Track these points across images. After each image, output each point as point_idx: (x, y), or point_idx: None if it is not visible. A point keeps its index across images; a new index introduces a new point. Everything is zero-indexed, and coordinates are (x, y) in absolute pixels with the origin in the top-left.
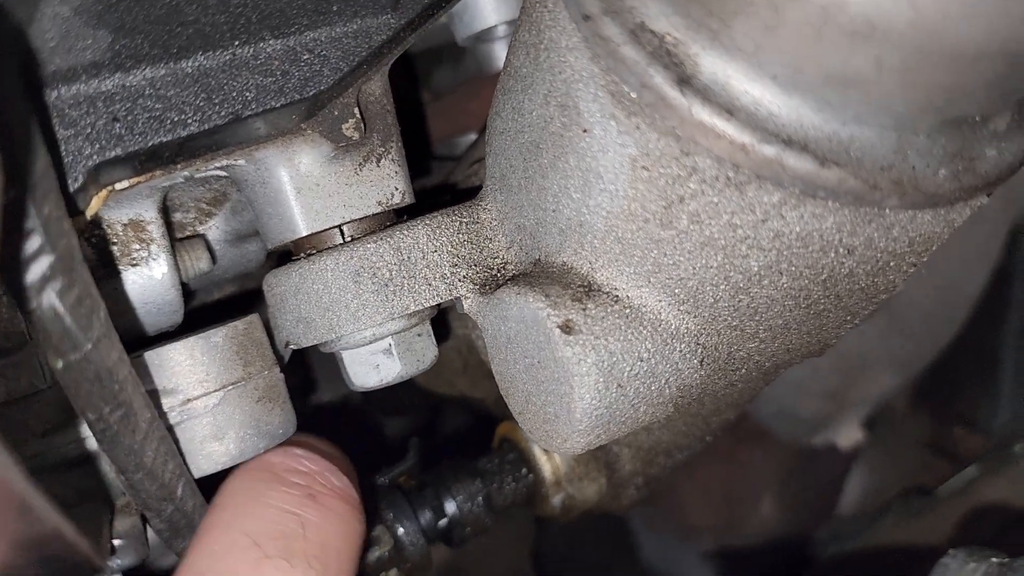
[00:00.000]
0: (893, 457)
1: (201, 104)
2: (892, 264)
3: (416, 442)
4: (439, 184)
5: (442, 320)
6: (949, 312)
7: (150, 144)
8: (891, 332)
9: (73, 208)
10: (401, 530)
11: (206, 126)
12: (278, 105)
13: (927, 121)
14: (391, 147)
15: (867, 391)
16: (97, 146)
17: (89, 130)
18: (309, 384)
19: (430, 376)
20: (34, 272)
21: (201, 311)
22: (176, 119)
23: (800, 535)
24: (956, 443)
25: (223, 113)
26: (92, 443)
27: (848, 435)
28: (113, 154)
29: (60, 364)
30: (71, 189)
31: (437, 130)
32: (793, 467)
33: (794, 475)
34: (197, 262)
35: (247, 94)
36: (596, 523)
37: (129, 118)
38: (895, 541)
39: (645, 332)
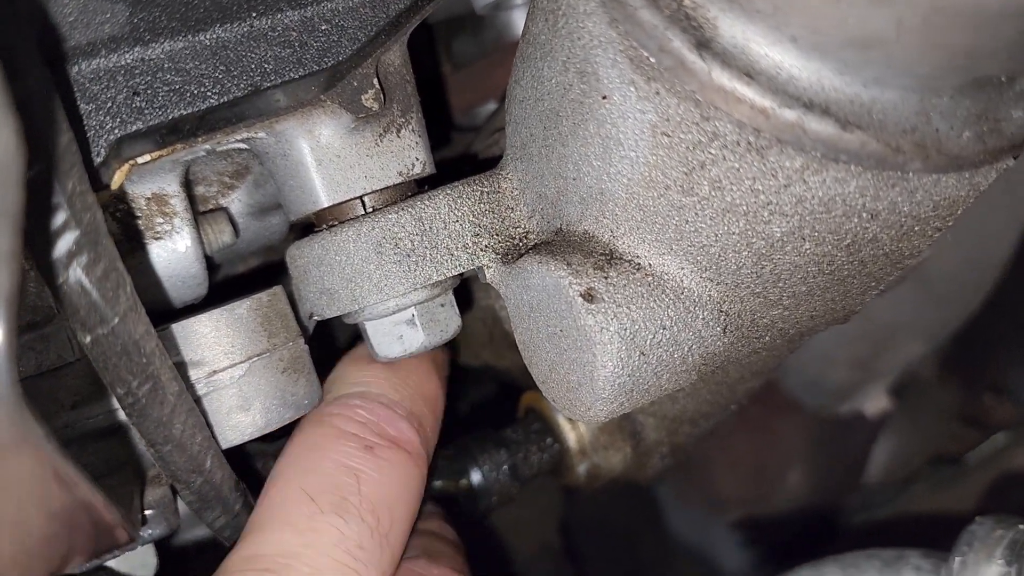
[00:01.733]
0: (921, 425)
1: (220, 76)
2: (916, 229)
3: None
4: (460, 154)
5: (466, 291)
6: (978, 278)
7: (170, 117)
8: (919, 299)
9: (97, 182)
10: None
11: (225, 98)
12: (297, 76)
13: (950, 82)
14: (411, 117)
15: (895, 359)
16: (118, 120)
17: (110, 104)
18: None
19: (455, 347)
20: (60, 247)
21: (227, 284)
22: (195, 92)
23: (828, 504)
24: (985, 411)
25: (242, 85)
26: (122, 415)
27: (875, 403)
28: (134, 128)
29: (88, 338)
30: (94, 164)
31: (458, 100)
32: (821, 437)
33: (822, 445)
34: (220, 235)
35: (265, 66)
36: (624, 494)
37: (149, 92)
38: (923, 509)
39: (667, 300)
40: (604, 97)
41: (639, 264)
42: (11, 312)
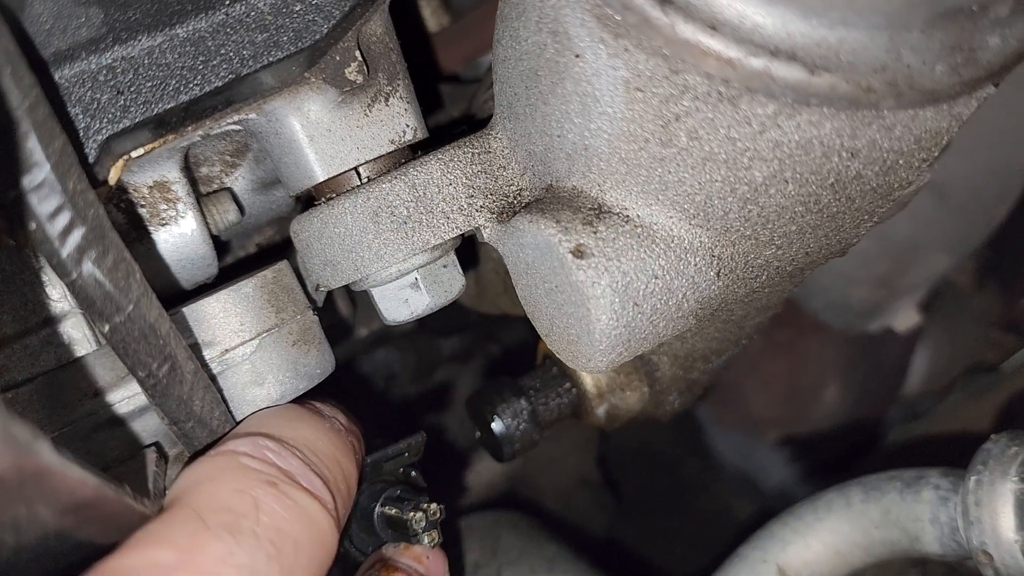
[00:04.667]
0: (957, 335)
1: (200, 67)
2: (901, 162)
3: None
4: (461, 115)
5: (473, 247)
6: (1002, 186)
7: (156, 112)
8: (940, 213)
9: (95, 180)
10: None
11: (208, 87)
12: (277, 59)
13: (919, 16)
14: (398, 85)
15: (920, 274)
16: (105, 120)
17: (95, 106)
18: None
19: (474, 298)
20: (70, 245)
21: (248, 259)
22: (178, 84)
23: (868, 418)
24: (1022, 316)
25: (223, 73)
26: (140, 399)
27: (905, 319)
28: (122, 126)
29: (107, 327)
30: (88, 163)
31: (459, 51)
32: (853, 355)
33: (855, 362)
34: (225, 215)
35: (244, 52)
36: (662, 422)
37: (132, 89)
38: (960, 421)
39: (658, 249)
40: (577, 56)
41: (628, 216)
42: None
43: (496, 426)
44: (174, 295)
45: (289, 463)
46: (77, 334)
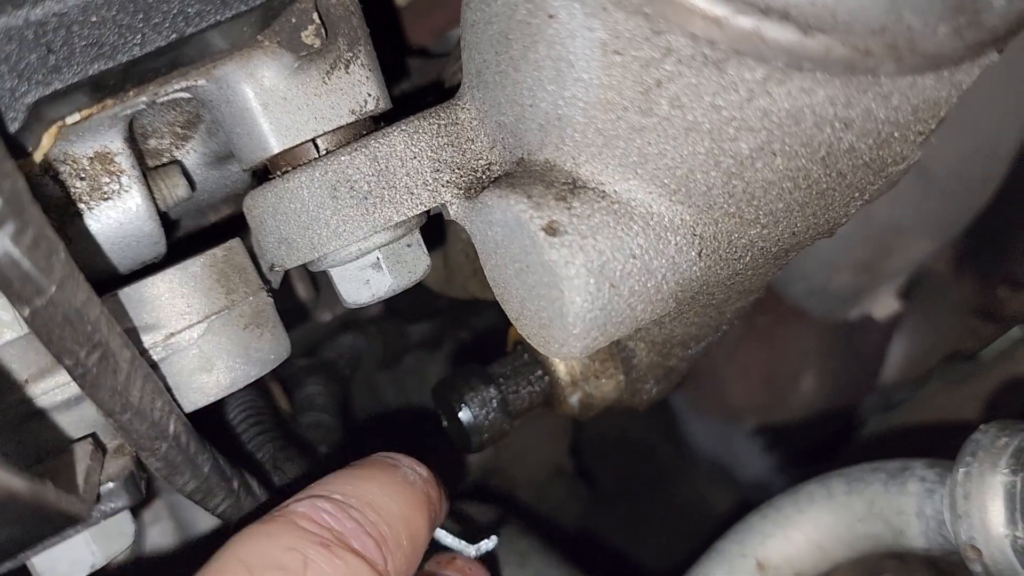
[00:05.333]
0: (936, 323)
1: (139, 24)
2: (897, 135)
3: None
4: (432, 82)
5: (441, 227)
6: (986, 171)
7: (90, 73)
8: (924, 197)
9: (22, 148)
10: None
11: (149, 47)
12: (226, 18)
13: None
14: (359, 51)
15: (902, 260)
16: (34, 81)
17: (23, 65)
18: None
19: (442, 281)
20: None
21: (199, 236)
22: (115, 43)
23: (845, 407)
24: (1000, 304)
25: (165, 33)
26: (76, 387)
27: (885, 306)
28: (53, 88)
29: (27, 311)
30: (12, 130)
31: (428, 24)
32: (831, 342)
33: (833, 350)
34: (174, 190)
35: (188, 10)
36: (638, 411)
37: (65, 48)
38: (938, 409)
39: (636, 227)
40: (551, 16)
41: (604, 191)
42: None
43: (464, 415)
44: (117, 275)
45: (344, 524)
46: (6, 316)
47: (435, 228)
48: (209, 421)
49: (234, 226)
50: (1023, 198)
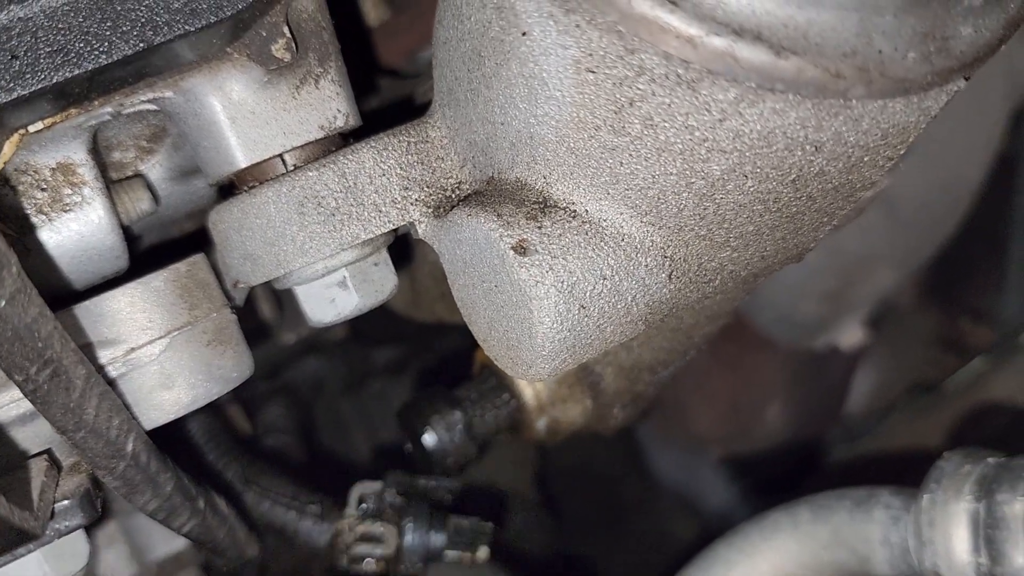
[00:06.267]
0: (900, 354)
1: (106, 33)
2: (866, 159)
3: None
4: (398, 102)
5: (408, 249)
6: (951, 202)
7: (55, 81)
8: (890, 227)
9: None
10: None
11: (115, 57)
12: (195, 28)
13: None
14: (329, 67)
15: (867, 289)
16: None
17: None
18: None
19: (409, 304)
20: None
21: (162, 250)
22: (81, 51)
23: (810, 437)
24: (963, 336)
25: (132, 42)
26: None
27: (850, 336)
28: (15, 95)
29: None
30: None
31: (399, 44)
32: (797, 372)
33: (799, 380)
34: (138, 203)
35: (157, 19)
36: (602, 440)
37: (29, 54)
38: (903, 439)
39: (607, 248)
40: (524, 33)
41: (575, 211)
42: None
43: (428, 439)
44: (75, 289)
45: None
46: None
47: (402, 250)
48: (173, 440)
49: (198, 241)
50: (986, 230)
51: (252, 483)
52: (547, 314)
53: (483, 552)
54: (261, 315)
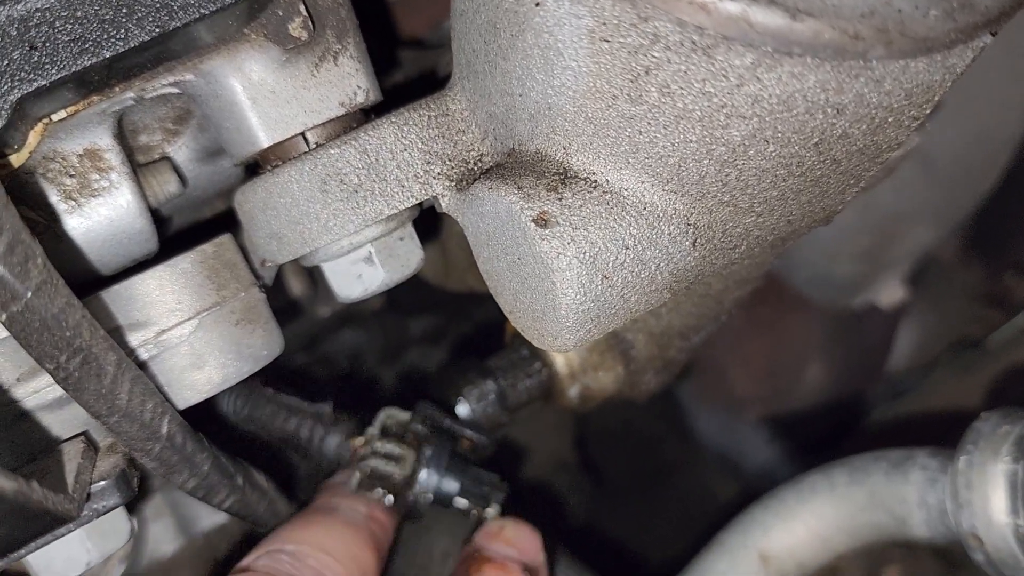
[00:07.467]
0: (942, 310)
1: (122, 20)
2: (891, 120)
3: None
4: (419, 76)
5: (436, 220)
6: (989, 155)
7: (75, 69)
8: (926, 182)
9: (7, 146)
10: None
11: (132, 43)
12: (209, 12)
13: None
14: (348, 43)
15: (906, 247)
16: (17, 79)
17: (6, 62)
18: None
19: (440, 274)
20: None
21: (190, 235)
22: (98, 39)
23: (851, 396)
24: (1007, 290)
25: (148, 28)
26: None
27: (890, 294)
28: (36, 85)
29: (4, 316)
30: None
31: (424, 14)
32: (835, 331)
33: (837, 339)
34: (165, 186)
35: (171, 3)
36: (642, 402)
37: (48, 45)
38: (944, 398)
39: (629, 217)
40: (537, 4)
41: (595, 181)
42: None
43: (461, 409)
44: (106, 273)
45: (304, 572)
46: None
47: (431, 221)
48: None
49: (229, 221)
50: None
51: (331, 429)
52: (570, 286)
53: (493, 509)
54: (294, 291)
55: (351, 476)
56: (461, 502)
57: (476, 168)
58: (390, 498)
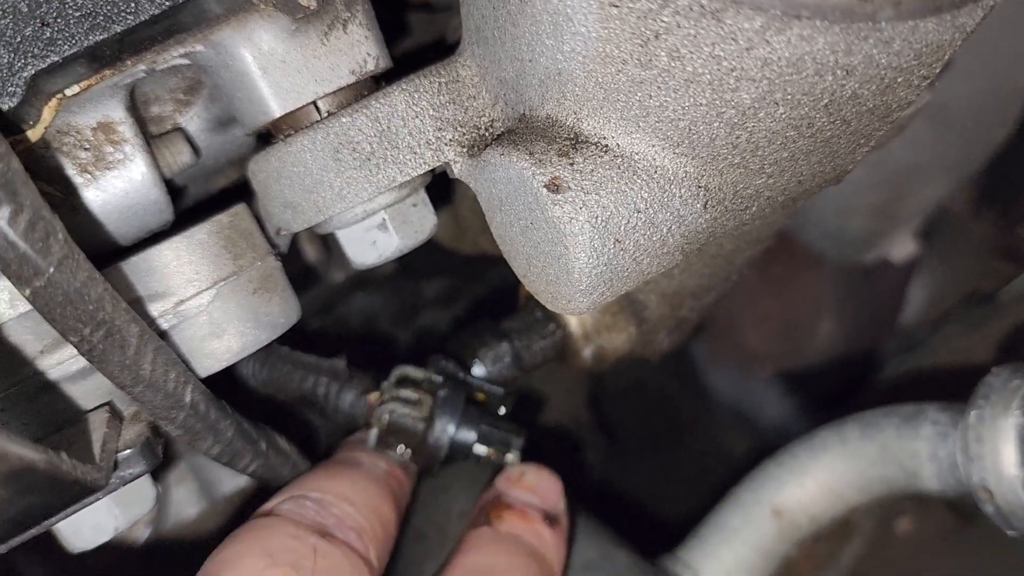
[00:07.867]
0: (954, 264)
1: None
2: (900, 80)
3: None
4: (430, 42)
5: (448, 184)
6: (1002, 107)
7: (86, 45)
8: (938, 136)
9: (15, 127)
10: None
11: (143, 17)
12: None
13: None
14: (357, 10)
15: (917, 201)
16: (30, 55)
17: (18, 39)
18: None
19: (453, 238)
20: None
21: (204, 205)
22: (108, 13)
23: (864, 350)
24: (1020, 243)
25: (157, 1)
26: None
27: (902, 248)
28: (49, 61)
29: (27, 291)
30: (12, 104)
31: None
32: (848, 287)
33: (850, 294)
34: (178, 156)
35: None
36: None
37: (59, 20)
38: (956, 353)
39: (640, 181)
40: None
41: (606, 146)
42: None
43: (477, 371)
44: (123, 244)
45: (327, 519)
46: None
47: (443, 185)
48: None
49: (242, 191)
50: None
51: (350, 383)
52: (583, 250)
53: (513, 455)
54: (306, 259)
55: (369, 433)
56: (480, 448)
57: (487, 134)
58: (408, 452)
